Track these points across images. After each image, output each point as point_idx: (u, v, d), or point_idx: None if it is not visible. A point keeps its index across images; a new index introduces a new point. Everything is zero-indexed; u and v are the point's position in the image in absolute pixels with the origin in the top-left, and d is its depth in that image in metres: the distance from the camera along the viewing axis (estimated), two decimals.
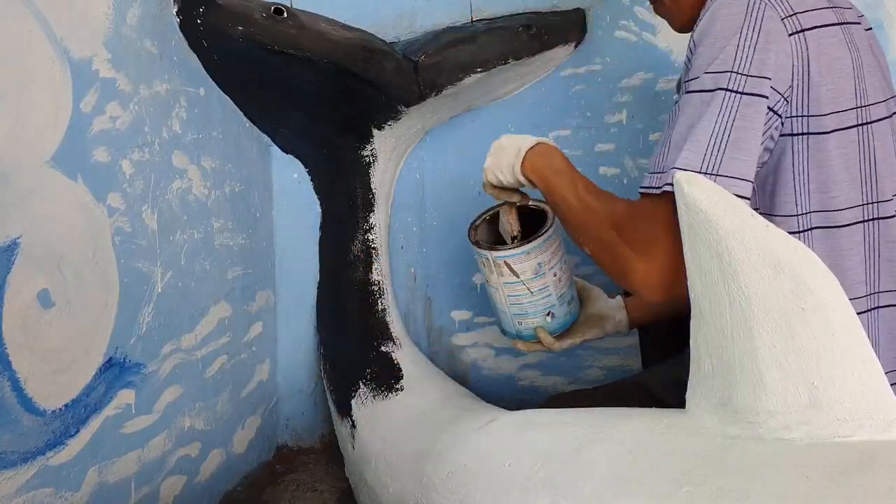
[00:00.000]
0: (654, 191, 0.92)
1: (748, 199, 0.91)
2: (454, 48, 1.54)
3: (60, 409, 1.12)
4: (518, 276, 1.23)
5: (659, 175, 0.93)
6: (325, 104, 1.57)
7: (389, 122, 1.62)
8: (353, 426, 1.56)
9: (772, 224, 0.77)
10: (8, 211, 1.02)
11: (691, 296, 0.82)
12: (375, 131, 1.64)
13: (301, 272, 1.76)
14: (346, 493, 1.59)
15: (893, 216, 1.00)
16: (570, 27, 1.66)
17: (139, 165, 1.27)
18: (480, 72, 1.54)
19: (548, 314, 1.26)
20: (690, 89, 0.94)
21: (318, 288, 1.76)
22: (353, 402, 1.59)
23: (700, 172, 0.89)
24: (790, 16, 0.93)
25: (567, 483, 0.90)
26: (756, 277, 0.74)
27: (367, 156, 1.67)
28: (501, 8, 1.68)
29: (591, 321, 1.34)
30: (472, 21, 1.68)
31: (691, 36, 0.99)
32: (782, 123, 0.94)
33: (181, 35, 1.38)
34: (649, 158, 0.98)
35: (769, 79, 0.91)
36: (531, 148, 1.15)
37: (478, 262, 1.30)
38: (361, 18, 1.58)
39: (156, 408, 1.34)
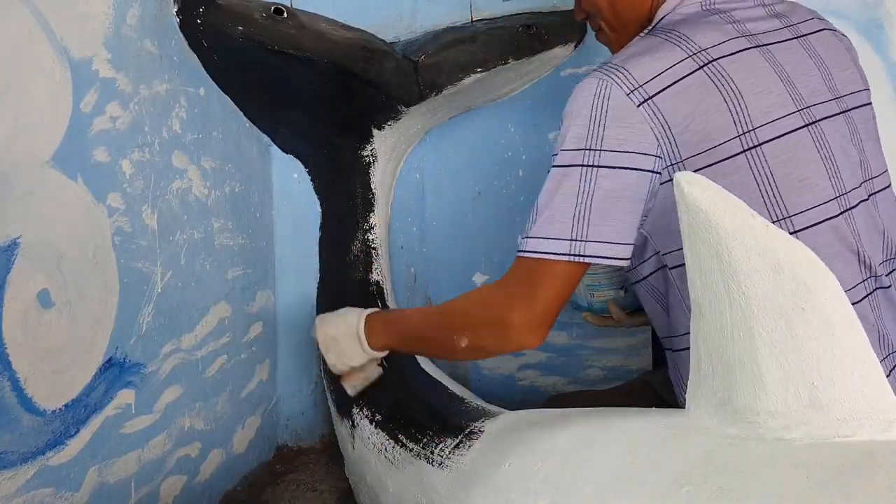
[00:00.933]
0: (528, 255, 1.03)
1: (626, 260, 1.01)
2: (454, 48, 1.54)
3: (60, 409, 1.12)
4: None
5: (534, 240, 1.03)
6: (325, 104, 1.57)
7: (389, 122, 1.62)
8: (353, 426, 1.56)
9: (772, 224, 0.77)
10: (8, 211, 1.02)
11: (691, 296, 0.82)
12: (375, 131, 1.64)
13: (301, 272, 1.76)
14: (346, 493, 1.59)
15: (868, 198, 1.05)
16: (570, 27, 1.66)
17: (139, 165, 1.27)
18: (480, 72, 1.54)
19: (622, 288, 1.24)
20: (553, 164, 1.05)
21: (318, 288, 1.76)
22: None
23: (570, 240, 1.00)
24: (634, 89, 1.00)
25: (567, 483, 0.90)
26: (756, 277, 0.74)
27: (367, 156, 1.67)
28: (501, 8, 1.68)
29: None
30: (472, 21, 1.68)
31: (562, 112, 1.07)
32: (661, 175, 1.01)
33: (181, 35, 1.38)
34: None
35: (626, 151, 0.99)
36: (364, 328, 1.25)
37: None
38: (361, 18, 1.59)
39: (156, 408, 1.34)
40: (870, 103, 1.16)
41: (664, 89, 1.00)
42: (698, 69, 1.01)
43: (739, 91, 1.01)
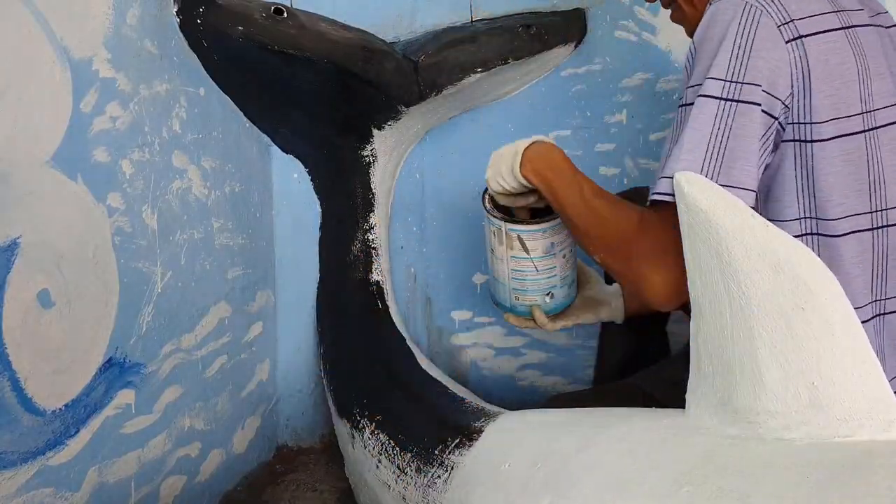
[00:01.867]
0: (666, 198, 0.90)
1: (751, 207, 0.87)
2: (454, 48, 1.54)
3: (60, 409, 1.12)
4: (528, 253, 1.18)
5: (667, 180, 0.91)
6: (325, 104, 1.57)
7: (389, 122, 1.62)
8: (354, 426, 1.56)
9: (772, 224, 0.77)
10: (8, 211, 1.02)
11: (691, 296, 0.82)
12: (375, 131, 1.64)
13: (301, 272, 1.76)
14: (346, 493, 1.59)
15: None
16: (570, 27, 1.66)
17: (139, 165, 1.27)
18: (480, 72, 1.54)
19: (548, 294, 1.23)
20: (688, 99, 0.95)
21: (318, 288, 1.76)
22: None
23: (715, 170, 0.89)
24: (787, 23, 0.92)
25: (567, 483, 0.90)
26: (756, 277, 0.74)
27: (367, 156, 1.67)
28: (501, 8, 1.68)
29: (587, 305, 1.31)
30: (472, 21, 1.68)
31: (692, 40, 0.98)
32: (783, 129, 0.94)
33: (181, 35, 1.38)
34: (660, 161, 0.97)
35: (761, 86, 0.91)
36: (528, 147, 1.13)
37: (486, 229, 1.25)
38: (361, 18, 1.59)
39: (156, 408, 1.34)
40: None
41: (814, 34, 0.93)
42: (842, 29, 0.95)
43: (869, 67, 0.95)
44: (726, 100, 0.91)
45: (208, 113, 1.47)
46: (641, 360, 1.37)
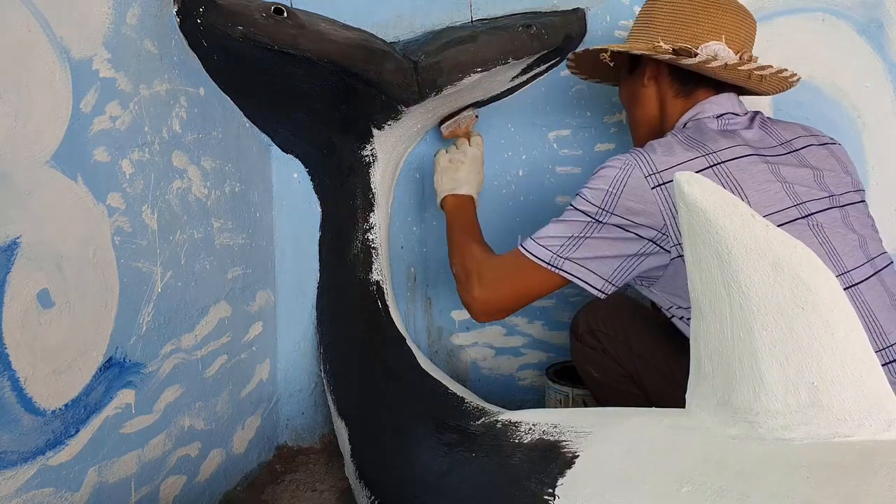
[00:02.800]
0: (524, 252, 1.25)
1: (600, 292, 1.22)
2: (454, 48, 1.54)
3: (60, 409, 1.12)
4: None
5: (532, 241, 1.25)
6: (325, 104, 1.57)
7: (389, 122, 1.62)
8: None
9: (772, 224, 0.77)
10: (8, 211, 1.02)
11: (691, 296, 0.82)
12: (375, 131, 1.64)
13: (301, 272, 1.76)
14: (346, 493, 1.59)
15: (865, 279, 1.15)
16: (570, 27, 1.66)
17: (139, 165, 1.27)
18: (480, 72, 1.54)
19: None
20: (573, 202, 1.24)
21: (317, 288, 1.76)
22: None
23: (555, 255, 1.21)
24: (653, 173, 1.16)
25: (567, 483, 0.90)
26: (756, 277, 0.74)
27: (367, 156, 1.67)
28: (501, 8, 1.68)
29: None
30: (472, 21, 1.68)
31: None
32: (667, 250, 1.18)
33: (181, 35, 1.38)
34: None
35: (632, 221, 1.17)
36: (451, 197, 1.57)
37: (550, 398, 1.62)
38: (361, 18, 1.59)
39: (156, 408, 1.34)
40: (863, 202, 1.27)
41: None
42: (709, 167, 1.17)
43: (742, 187, 1.16)
44: (595, 221, 1.20)
45: (208, 113, 1.47)
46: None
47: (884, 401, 0.73)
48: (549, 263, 1.22)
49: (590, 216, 1.20)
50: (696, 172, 1.10)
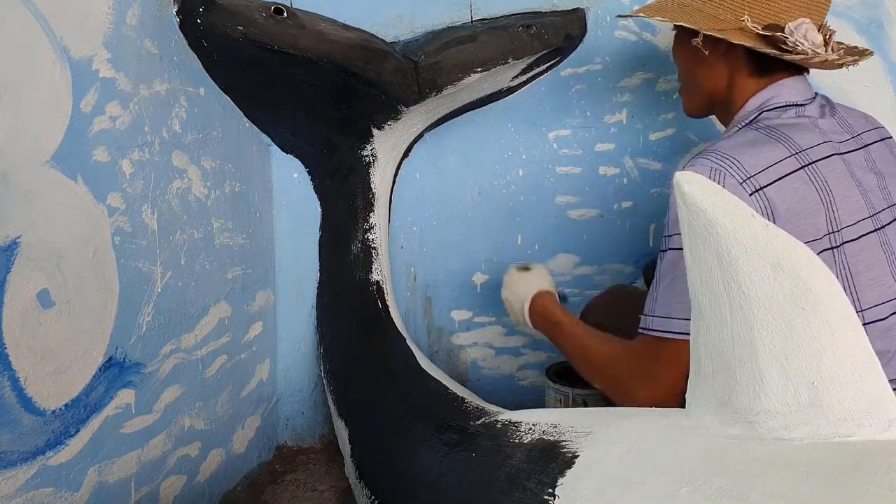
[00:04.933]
0: (658, 334, 1.12)
1: None
2: (454, 48, 1.54)
3: (60, 409, 1.12)
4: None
5: (657, 319, 1.12)
6: (325, 104, 1.57)
7: (389, 122, 1.62)
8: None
9: (772, 224, 0.77)
10: (8, 211, 1.02)
11: (691, 296, 0.82)
12: (375, 131, 1.64)
13: (301, 272, 1.76)
14: (346, 493, 1.59)
15: (876, 321, 1.10)
16: (571, 27, 1.66)
17: (139, 165, 1.27)
18: (480, 72, 1.54)
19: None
20: (665, 247, 1.12)
21: (318, 288, 1.76)
22: None
23: (679, 320, 1.08)
24: (747, 179, 1.07)
25: (567, 483, 0.90)
26: (756, 277, 0.74)
27: (367, 156, 1.67)
28: (501, 8, 1.68)
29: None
30: (472, 21, 1.68)
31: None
32: None
33: (181, 35, 1.38)
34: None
35: None
36: (531, 302, 1.45)
37: (550, 397, 1.58)
38: (361, 18, 1.59)
39: (156, 408, 1.34)
40: None
41: (773, 182, 1.08)
42: (800, 168, 1.09)
43: (832, 193, 1.10)
44: None
45: (208, 113, 1.47)
46: None
47: (884, 401, 0.73)
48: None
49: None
50: (789, 175, 1.08)
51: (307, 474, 1.71)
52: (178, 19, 1.36)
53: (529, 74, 1.71)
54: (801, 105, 1.19)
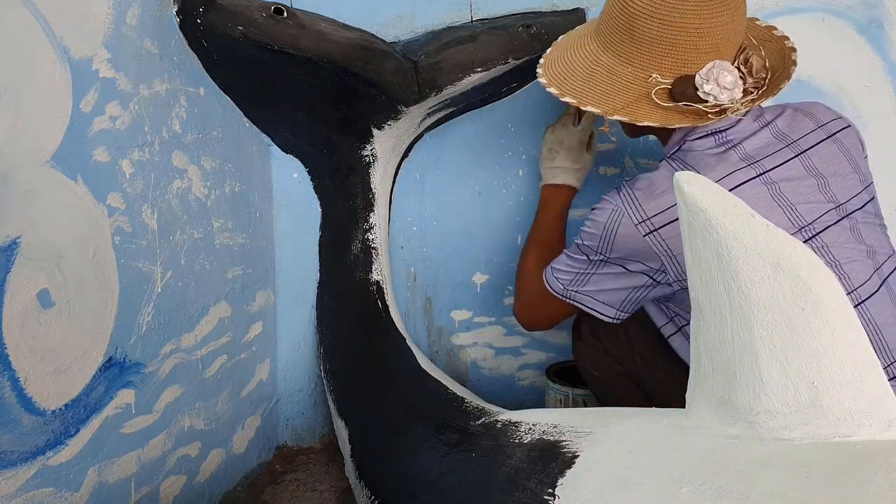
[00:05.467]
0: (544, 279, 1.34)
1: (612, 319, 1.28)
2: (454, 48, 1.54)
3: (60, 409, 1.12)
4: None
5: (549, 271, 1.32)
6: (325, 104, 1.57)
7: (389, 122, 1.62)
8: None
9: (772, 224, 0.77)
10: (8, 211, 1.02)
11: (691, 296, 0.82)
12: (375, 131, 1.64)
13: (301, 272, 1.76)
14: (346, 493, 1.59)
15: (873, 293, 1.13)
16: (571, 27, 1.66)
17: (139, 165, 1.27)
18: (480, 72, 1.54)
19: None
20: (576, 240, 1.27)
21: (318, 288, 1.76)
22: None
23: (566, 287, 1.29)
24: (642, 221, 1.16)
25: (567, 483, 0.90)
26: (756, 277, 0.74)
27: (367, 156, 1.67)
28: (501, 8, 1.68)
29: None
30: (472, 21, 1.68)
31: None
32: (671, 285, 1.19)
33: (181, 35, 1.38)
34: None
35: (630, 261, 1.20)
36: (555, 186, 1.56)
37: (550, 397, 1.65)
38: (361, 18, 1.59)
39: (156, 408, 1.34)
40: (872, 198, 1.24)
41: (670, 223, 1.14)
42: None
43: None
44: (596, 261, 1.24)
45: (208, 113, 1.47)
46: None
47: (884, 401, 0.73)
48: (562, 295, 1.30)
49: (589, 257, 1.24)
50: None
51: (307, 474, 1.71)
52: (178, 19, 1.36)
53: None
54: (723, 131, 1.19)
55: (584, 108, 1.22)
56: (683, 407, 0.87)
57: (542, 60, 1.31)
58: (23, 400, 1.05)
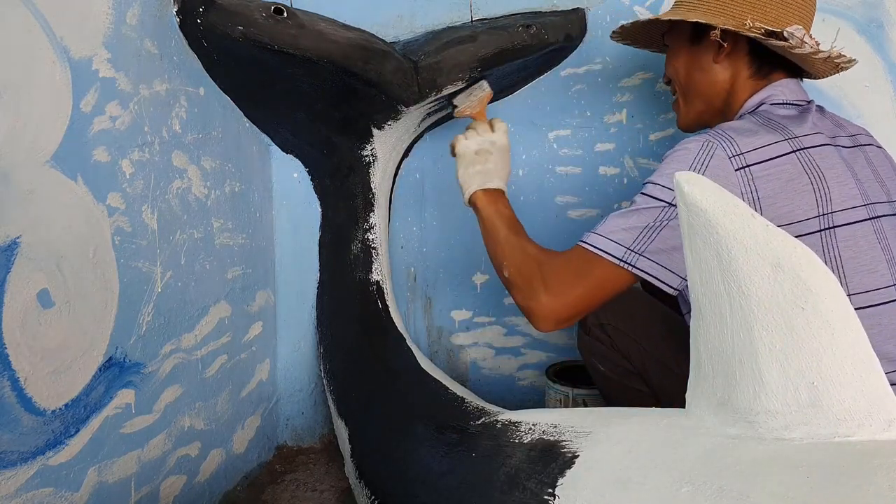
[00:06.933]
0: (589, 248, 1.14)
1: (673, 289, 1.12)
2: (454, 48, 1.54)
3: (60, 409, 1.12)
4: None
5: (597, 236, 1.15)
6: (325, 104, 1.57)
7: (389, 122, 1.62)
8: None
9: (772, 224, 0.77)
10: (8, 211, 1.02)
11: (691, 296, 0.82)
12: (375, 131, 1.64)
13: (301, 272, 1.76)
14: (346, 493, 1.59)
15: (867, 307, 1.10)
16: (571, 27, 1.66)
17: (139, 165, 1.27)
18: (480, 71, 1.54)
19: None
20: (643, 191, 1.15)
21: (317, 288, 1.77)
22: None
23: (628, 249, 1.12)
24: (736, 155, 1.10)
25: (567, 483, 0.90)
26: (756, 277, 0.74)
27: (367, 156, 1.67)
28: (501, 8, 1.68)
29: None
30: (472, 21, 1.68)
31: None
32: None
33: (181, 35, 1.38)
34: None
35: None
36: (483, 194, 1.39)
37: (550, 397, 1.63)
38: (361, 18, 1.59)
39: (156, 408, 1.34)
40: None
41: (761, 162, 1.10)
42: (792, 152, 1.11)
43: (825, 177, 1.11)
44: (670, 205, 1.11)
45: (208, 113, 1.47)
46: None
47: (884, 401, 0.73)
48: (622, 260, 1.12)
49: (664, 201, 1.11)
50: (779, 157, 1.10)
51: (307, 474, 1.71)
52: (178, 19, 1.36)
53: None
54: (797, 104, 1.22)
55: (690, 20, 1.22)
56: None
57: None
58: (23, 400, 1.05)
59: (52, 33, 1.08)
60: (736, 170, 1.09)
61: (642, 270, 1.11)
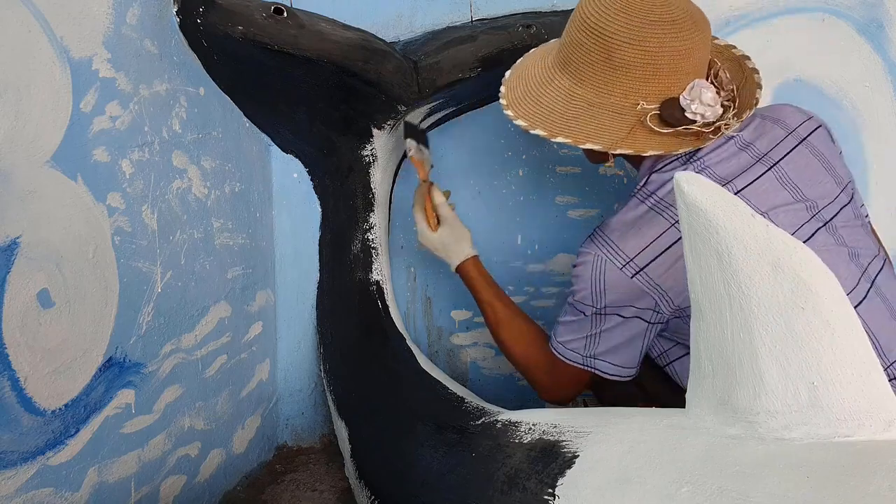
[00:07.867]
0: (557, 355, 1.28)
1: (632, 375, 1.24)
2: (454, 48, 1.54)
3: (60, 409, 1.12)
4: None
5: (558, 343, 1.27)
6: (325, 104, 1.57)
7: (389, 122, 1.62)
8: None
9: (772, 224, 0.77)
10: (8, 211, 1.02)
11: (692, 296, 0.82)
12: (375, 131, 1.64)
13: (301, 272, 1.76)
14: (346, 493, 1.59)
15: (863, 299, 1.11)
16: None
17: (139, 165, 1.27)
18: (480, 71, 1.54)
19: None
20: (571, 302, 1.23)
21: (317, 288, 1.76)
22: None
23: (584, 356, 1.24)
24: (626, 264, 1.14)
25: (567, 483, 0.90)
26: (756, 277, 0.74)
27: (367, 156, 1.67)
28: (501, 8, 1.68)
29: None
30: (472, 21, 1.68)
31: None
32: (667, 315, 1.17)
33: (181, 35, 1.38)
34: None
35: (627, 307, 1.16)
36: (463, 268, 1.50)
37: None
38: (361, 18, 1.59)
39: (156, 408, 1.34)
40: (850, 200, 1.20)
41: (654, 259, 1.13)
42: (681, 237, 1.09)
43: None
44: (596, 314, 1.19)
45: (208, 113, 1.47)
46: None
47: (884, 401, 0.73)
48: (583, 364, 1.25)
49: (585, 313, 1.21)
50: (672, 246, 1.12)
51: (307, 474, 1.71)
52: (178, 19, 1.36)
53: None
54: (693, 155, 1.17)
55: (582, 146, 1.17)
56: (684, 406, 0.87)
57: (504, 101, 1.24)
58: (23, 400, 1.05)
59: (52, 33, 1.08)
60: (632, 277, 1.13)
61: (601, 371, 1.24)
